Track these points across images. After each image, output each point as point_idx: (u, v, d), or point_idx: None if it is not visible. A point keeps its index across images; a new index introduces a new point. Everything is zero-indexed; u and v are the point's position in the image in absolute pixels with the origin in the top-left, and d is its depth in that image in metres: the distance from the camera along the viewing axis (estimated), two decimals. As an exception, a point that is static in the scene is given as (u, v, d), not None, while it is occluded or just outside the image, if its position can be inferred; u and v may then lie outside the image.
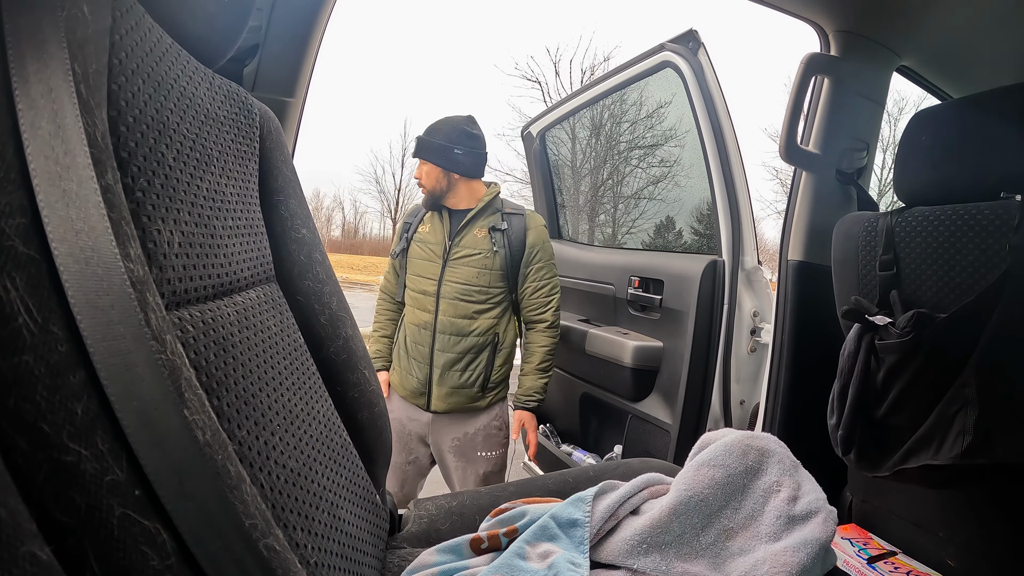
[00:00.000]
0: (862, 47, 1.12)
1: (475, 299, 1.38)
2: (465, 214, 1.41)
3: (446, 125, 1.39)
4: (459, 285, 1.38)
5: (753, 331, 1.37)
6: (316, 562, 0.42)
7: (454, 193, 1.41)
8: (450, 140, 1.37)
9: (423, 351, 1.41)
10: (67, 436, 0.23)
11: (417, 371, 1.42)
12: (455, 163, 1.37)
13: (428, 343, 1.40)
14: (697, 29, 1.34)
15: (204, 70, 0.47)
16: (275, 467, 0.41)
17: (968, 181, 0.82)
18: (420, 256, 1.44)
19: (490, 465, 1.45)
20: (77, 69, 0.29)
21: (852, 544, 0.93)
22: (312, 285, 0.59)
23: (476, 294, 1.38)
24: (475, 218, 1.41)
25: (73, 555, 0.23)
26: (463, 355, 1.38)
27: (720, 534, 0.52)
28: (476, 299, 1.38)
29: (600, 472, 0.78)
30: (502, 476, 1.50)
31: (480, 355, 1.39)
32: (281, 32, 0.84)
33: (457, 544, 0.56)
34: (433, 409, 1.41)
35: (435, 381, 1.39)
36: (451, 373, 1.39)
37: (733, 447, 0.57)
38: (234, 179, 0.48)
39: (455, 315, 1.38)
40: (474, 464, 1.44)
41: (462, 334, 1.38)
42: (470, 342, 1.38)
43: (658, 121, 2.08)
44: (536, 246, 1.42)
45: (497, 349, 1.41)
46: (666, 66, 1.42)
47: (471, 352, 1.38)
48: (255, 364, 0.44)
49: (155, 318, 0.29)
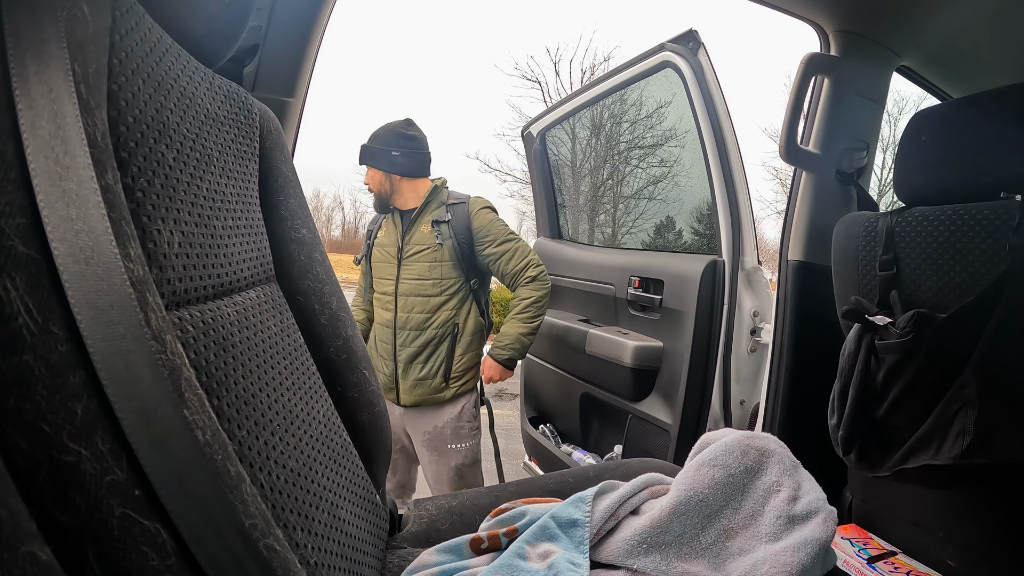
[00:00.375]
0: (862, 47, 1.12)
1: (431, 292, 1.45)
2: (411, 213, 1.49)
3: (383, 130, 1.49)
4: (414, 282, 1.46)
5: (753, 331, 1.37)
6: (316, 562, 0.42)
7: (399, 194, 1.49)
8: (387, 143, 1.46)
9: (388, 348, 1.49)
10: (67, 436, 0.23)
11: (384, 367, 1.51)
12: (395, 165, 1.46)
13: (391, 340, 1.48)
14: (697, 29, 1.34)
15: (204, 70, 0.47)
16: (275, 467, 0.41)
17: (968, 181, 0.82)
18: (379, 259, 1.54)
19: (461, 458, 1.49)
20: (77, 69, 0.29)
21: (852, 544, 0.93)
22: (312, 285, 0.59)
23: (431, 287, 1.45)
24: (420, 215, 1.48)
25: (73, 555, 0.23)
26: (423, 348, 1.45)
27: (720, 534, 0.52)
28: (432, 292, 1.45)
29: (600, 472, 0.78)
30: (477, 469, 1.54)
31: (440, 347, 1.46)
32: (281, 32, 0.84)
33: (457, 544, 0.56)
34: (402, 403, 1.48)
35: (400, 375, 1.47)
36: (413, 366, 1.46)
37: (733, 447, 0.57)
38: (234, 179, 0.48)
39: (412, 311, 1.45)
40: (446, 457, 1.48)
41: (420, 328, 1.45)
42: (429, 335, 1.45)
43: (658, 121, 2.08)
44: (481, 227, 1.48)
45: (457, 339, 1.47)
46: (666, 66, 1.42)
47: (431, 345, 1.45)
48: (255, 364, 0.44)
49: (155, 318, 0.29)
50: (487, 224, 1.48)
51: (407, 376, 1.46)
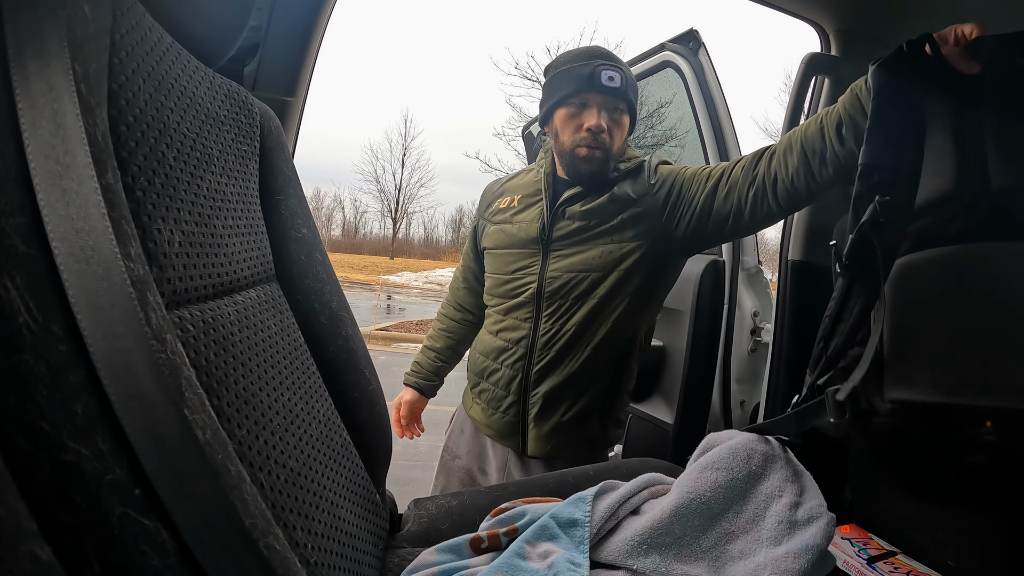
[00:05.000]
0: (862, 47, 1.12)
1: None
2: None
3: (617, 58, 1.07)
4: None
5: (753, 331, 1.37)
6: (316, 561, 0.42)
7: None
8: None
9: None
10: (67, 435, 0.23)
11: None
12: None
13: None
14: (697, 29, 1.34)
15: (204, 69, 0.47)
16: (275, 466, 0.41)
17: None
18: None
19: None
20: (77, 68, 0.29)
21: (852, 544, 0.93)
22: (312, 284, 0.59)
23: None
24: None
25: (73, 554, 0.23)
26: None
27: (721, 537, 0.52)
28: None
29: (600, 472, 0.78)
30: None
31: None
32: (281, 32, 0.84)
33: (457, 544, 0.56)
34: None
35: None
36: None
37: (738, 451, 0.57)
38: (234, 178, 0.48)
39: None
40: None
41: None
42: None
43: (658, 121, 2.08)
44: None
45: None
46: (666, 66, 1.42)
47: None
48: (255, 363, 0.44)
49: (155, 317, 0.29)
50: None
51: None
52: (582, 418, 0.99)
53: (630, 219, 0.96)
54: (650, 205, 0.96)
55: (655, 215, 0.96)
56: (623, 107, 0.96)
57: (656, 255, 0.97)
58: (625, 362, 1.03)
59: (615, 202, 0.97)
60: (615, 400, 1.03)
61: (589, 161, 0.96)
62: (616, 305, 0.97)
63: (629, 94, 0.96)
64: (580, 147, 0.95)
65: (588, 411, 0.99)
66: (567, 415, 0.99)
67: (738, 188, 0.90)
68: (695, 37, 1.35)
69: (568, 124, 0.97)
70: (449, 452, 1.21)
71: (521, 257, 1.03)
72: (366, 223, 36.95)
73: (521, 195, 1.07)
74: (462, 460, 1.16)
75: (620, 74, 0.94)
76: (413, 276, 18.61)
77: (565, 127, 0.98)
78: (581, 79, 0.94)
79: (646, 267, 0.97)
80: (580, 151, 0.96)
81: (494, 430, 1.06)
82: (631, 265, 0.96)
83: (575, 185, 1.01)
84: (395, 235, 31.57)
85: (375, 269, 21.97)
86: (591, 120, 0.94)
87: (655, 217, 0.96)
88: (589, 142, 0.94)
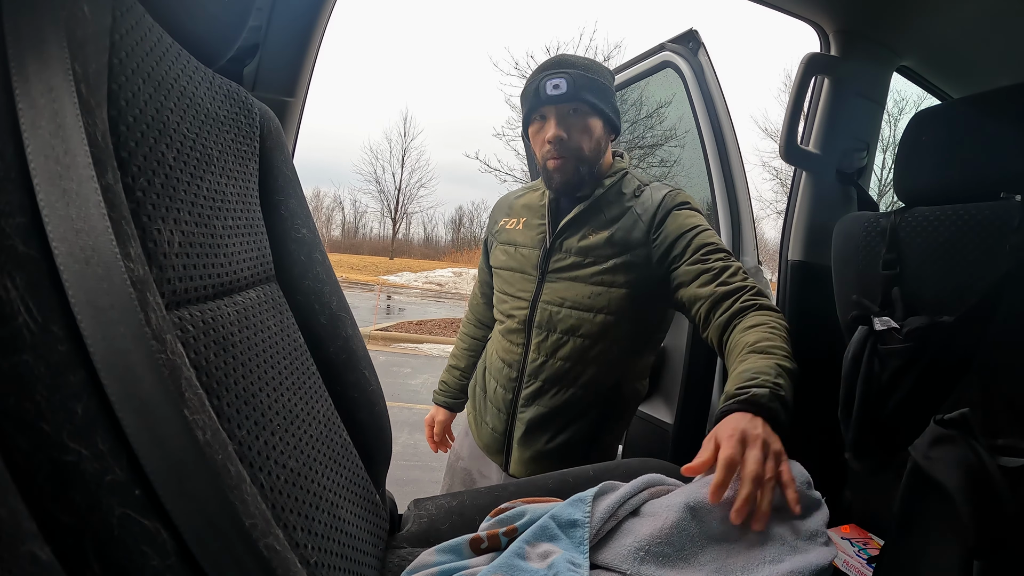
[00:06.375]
0: (862, 47, 1.12)
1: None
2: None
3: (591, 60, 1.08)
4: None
5: (753, 331, 1.36)
6: (316, 562, 0.42)
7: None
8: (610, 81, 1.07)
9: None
10: (67, 435, 0.23)
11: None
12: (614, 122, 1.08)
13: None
14: (697, 29, 1.34)
15: (204, 70, 0.47)
16: (275, 467, 0.41)
17: (968, 181, 0.83)
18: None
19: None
20: (77, 68, 0.29)
21: (852, 544, 0.93)
22: (312, 285, 0.59)
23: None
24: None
25: (73, 554, 0.23)
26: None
27: (722, 551, 0.52)
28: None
29: (600, 472, 0.78)
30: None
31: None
32: (281, 32, 0.84)
33: (457, 544, 0.56)
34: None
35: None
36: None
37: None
38: (234, 179, 0.48)
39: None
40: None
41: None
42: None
43: (658, 121, 2.09)
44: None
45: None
46: (666, 66, 1.42)
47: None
48: (255, 364, 0.44)
49: (155, 318, 0.29)
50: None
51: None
52: (566, 449, 0.98)
53: (623, 265, 0.94)
54: (644, 257, 0.94)
55: (648, 267, 0.94)
56: (583, 108, 0.94)
57: (644, 303, 0.96)
58: (615, 407, 1.01)
59: (612, 245, 0.95)
60: (601, 440, 1.01)
61: (559, 171, 0.96)
62: (604, 348, 0.96)
63: (584, 94, 0.93)
64: (548, 160, 0.96)
65: (572, 444, 0.98)
66: (550, 444, 0.98)
67: (697, 313, 0.89)
68: (695, 37, 1.35)
69: (536, 141, 0.99)
70: (454, 453, 1.22)
71: (520, 281, 1.03)
72: (366, 223, 37.00)
73: (526, 219, 1.07)
74: (464, 462, 1.17)
75: (566, 78, 0.92)
76: (413, 276, 18.61)
77: (535, 144, 0.99)
78: (534, 95, 0.95)
79: (632, 314, 0.95)
80: (549, 164, 0.96)
81: (483, 443, 1.08)
82: (618, 310, 0.95)
83: (568, 206, 1.01)
84: (395, 235, 31.60)
85: (375, 269, 21.97)
86: (548, 132, 0.95)
87: (646, 268, 0.94)
88: (552, 153, 0.95)
